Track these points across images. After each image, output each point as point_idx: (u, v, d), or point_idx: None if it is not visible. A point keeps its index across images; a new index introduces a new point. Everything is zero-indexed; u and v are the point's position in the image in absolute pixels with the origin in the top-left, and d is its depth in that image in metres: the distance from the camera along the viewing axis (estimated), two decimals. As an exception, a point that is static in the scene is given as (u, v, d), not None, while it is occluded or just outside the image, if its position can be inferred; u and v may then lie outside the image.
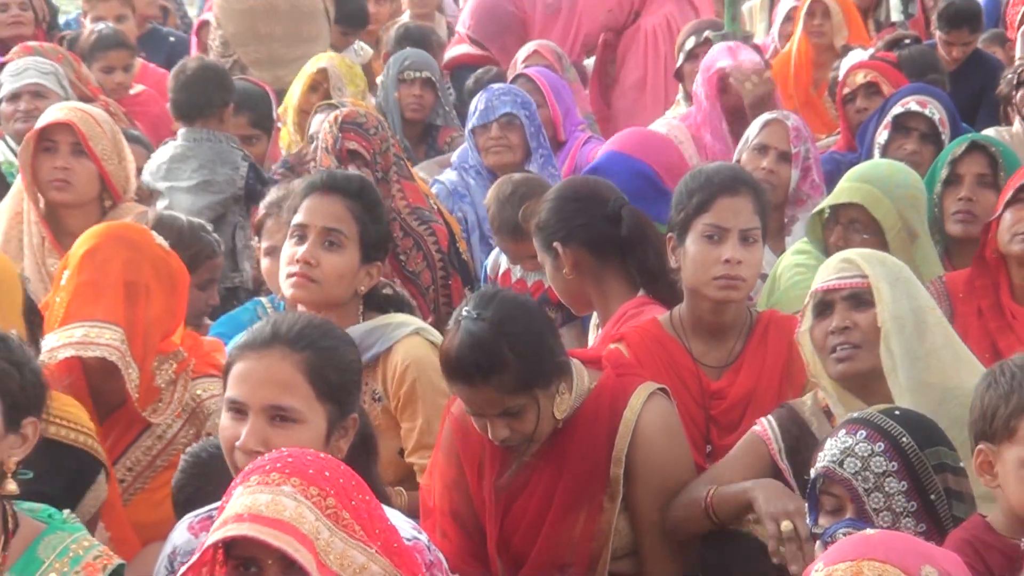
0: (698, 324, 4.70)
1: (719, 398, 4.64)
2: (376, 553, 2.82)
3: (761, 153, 6.45)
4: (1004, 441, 3.56)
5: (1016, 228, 5.25)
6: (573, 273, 4.95)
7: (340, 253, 4.64)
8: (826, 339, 4.30)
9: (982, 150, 5.93)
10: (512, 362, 4.03)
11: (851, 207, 5.47)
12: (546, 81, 7.72)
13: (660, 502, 4.22)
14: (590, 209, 4.97)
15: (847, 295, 4.31)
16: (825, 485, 3.72)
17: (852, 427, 3.73)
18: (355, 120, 6.27)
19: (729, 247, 4.58)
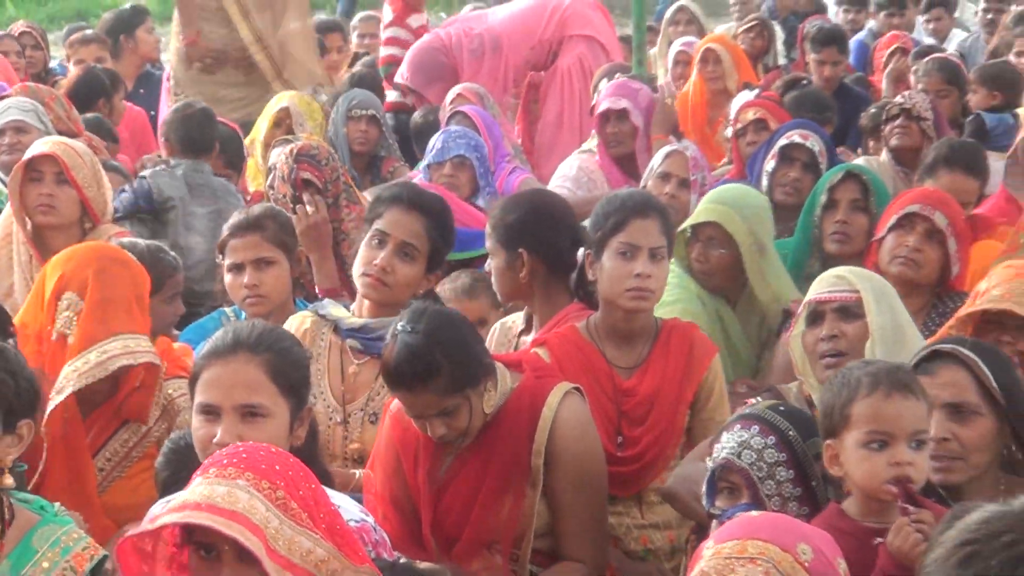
0: (611, 330, 4.68)
1: (629, 395, 4.63)
2: (321, 538, 2.80)
3: (664, 180, 6.49)
4: (843, 431, 3.55)
5: (896, 251, 5.28)
6: (527, 277, 4.91)
7: (412, 264, 4.71)
8: (816, 345, 4.36)
9: (855, 178, 5.93)
10: (445, 368, 4.02)
11: (708, 225, 5.47)
12: (479, 117, 7.70)
13: (575, 487, 4.21)
14: (560, 228, 4.96)
15: (837, 307, 4.37)
16: (724, 473, 3.74)
17: (746, 422, 3.76)
18: (309, 152, 6.23)
19: (640, 263, 4.56)
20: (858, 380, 3.58)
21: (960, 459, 3.81)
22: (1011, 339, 4.39)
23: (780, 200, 6.46)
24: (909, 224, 5.30)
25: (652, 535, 4.62)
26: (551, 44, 9.28)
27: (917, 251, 5.26)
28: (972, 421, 3.84)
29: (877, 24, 12.27)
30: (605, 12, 9.85)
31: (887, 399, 3.52)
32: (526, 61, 9.29)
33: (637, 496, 4.62)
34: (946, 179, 6.18)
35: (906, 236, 5.28)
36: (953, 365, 3.90)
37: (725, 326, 5.42)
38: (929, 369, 3.90)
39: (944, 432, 3.78)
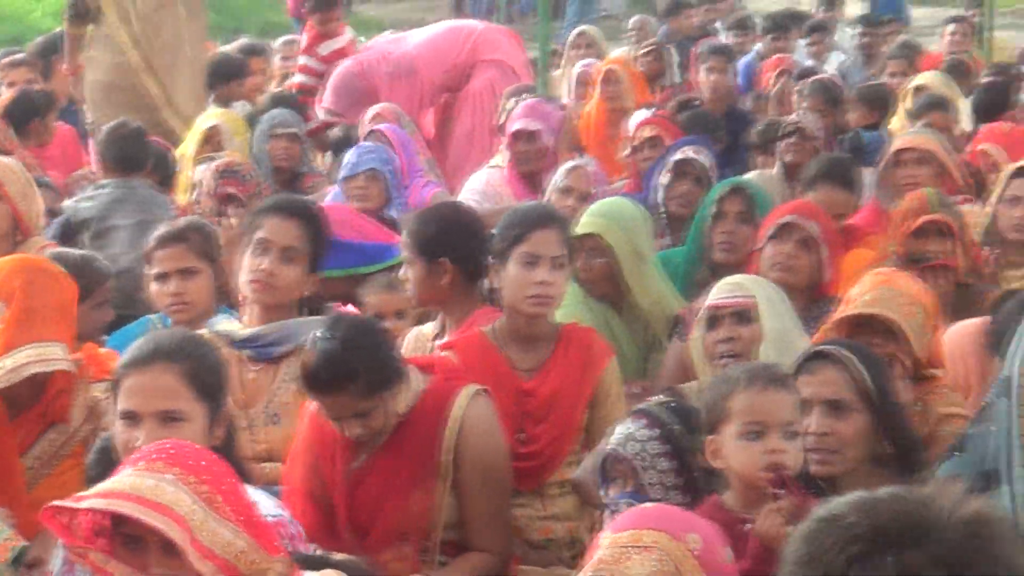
0: (514, 335, 4.70)
1: (531, 396, 4.65)
2: (241, 530, 2.79)
3: (566, 194, 6.52)
4: (721, 424, 3.59)
5: (774, 259, 5.33)
6: (448, 285, 4.92)
7: (294, 267, 4.69)
8: (714, 347, 4.42)
9: (741, 191, 5.99)
10: (361, 373, 4.03)
11: (590, 237, 5.48)
12: (394, 135, 7.70)
13: (481, 482, 4.23)
14: (476, 238, 4.97)
15: (734, 311, 4.46)
16: (612, 463, 3.76)
17: (636, 416, 3.81)
18: (232, 168, 6.24)
19: (542, 271, 4.58)
20: (736, 377, 3.62)
21: (837, 452, 3.88)
22: (880, 342, 4.44)
23: (673, 211, 6.52)
24: (785, 233, 5.35)
25: (553, 526, 4.63)
26: (464, 67, 9.30)
27: (792, 258, 5.32)
28: (848, 417, 3.91)
29: (763, 47, 12.38)
30: (516, 37, 9.89)
31: (762, 392, 3.57)
32: (441, 83, 9.31)
33: (538, 490, 4.63)
34: (823, 192, 6.25)
35: (782, 245, 5.33)
36: (831, 365, 3.96)
37: (612, 331, 5.43)
38: (810, 368, 3.96)
39: (823, 427, 3.84)
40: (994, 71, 10.46)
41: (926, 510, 1.71)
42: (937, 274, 5.41)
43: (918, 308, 4.53)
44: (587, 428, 4.67)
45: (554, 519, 4.63)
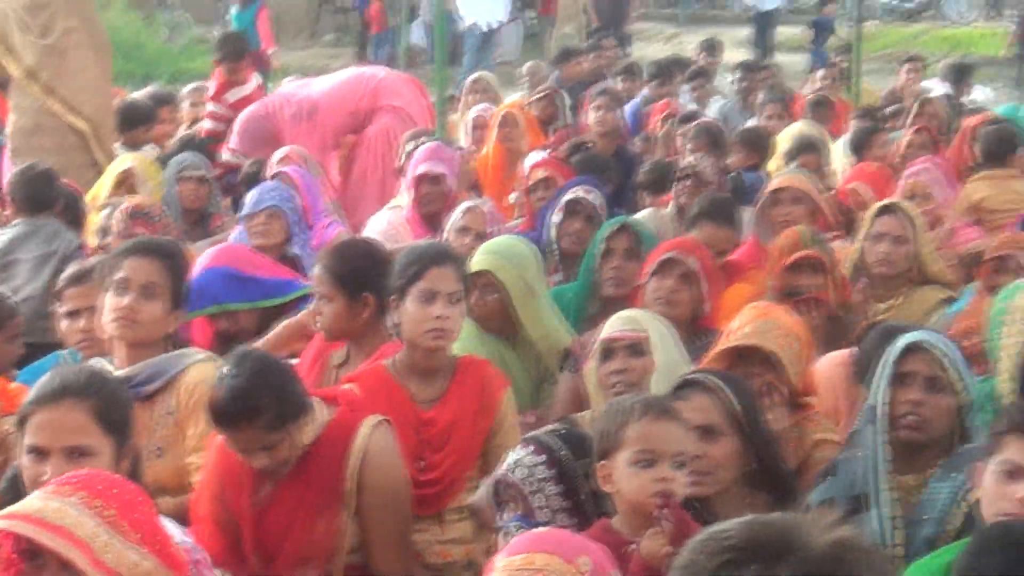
0: (413, 367, 4.70)
1: (429, 425, 4.66)
2: (148, 553, 2.81)
3: (463, 233, 6.52)
4: (614, 452, 3.61)
5: (657, 293, 5.39)
6: (366, 319, 4.91)
7: (155, 303, 4.62)
8: (608, 378, 4.45)
9: (628, 229, 6.04)
10: (267, 408, 4.01)
11: (484, 274, 5.51)
12: (298, 177, 7.68)
13: (382, 508, 4.22)
14: (388, 271, 4.93)
15: (627, 344, 4.48)
16: (502, 488, 3.79)
17: (525, 444, 3.85)
18: (141, 209, 6.18)
19: (439, 307, 4.59)
20: (630, 407, 3.64)
21: (709, 474, 3.93)
22: (759, 371, 4.51)
23: (566, 249, 6.56)
24: (667, 269, 5.41)
25: (451, 549, 4.64)
26: (365, 113, 9.33)
27: (674, 292, 5.37)
28: (719, 441, 3.97)
29: (649, 92, 12.50)
30: (418, 84, 9.92)
31: (654, 423, 3.60)
32: (342, 127, 9.32)
33: (437, 515, 4.63)
34: (706, 229, 6.33)
35: (664, 280, 5.39)
36: (703, 392, 4.02)
37: (506, 363, 5.44)
38: (684, 395, 4.02)
39: (696, 450, 3.89)
40: (861, 113, 10.65)
41: (797, 530, 1.75)
42: (810, 307, 5.50)
43: (793, 339, 4.60)
44: (484, 456, 4.68)
45: (452, 543, 4.64)
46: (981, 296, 5.66)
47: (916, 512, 4.02)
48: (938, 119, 10.12)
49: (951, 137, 9.84)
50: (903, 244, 6.19)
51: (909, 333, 4.23)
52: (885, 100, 12.60)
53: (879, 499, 4.02)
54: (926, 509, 4.01)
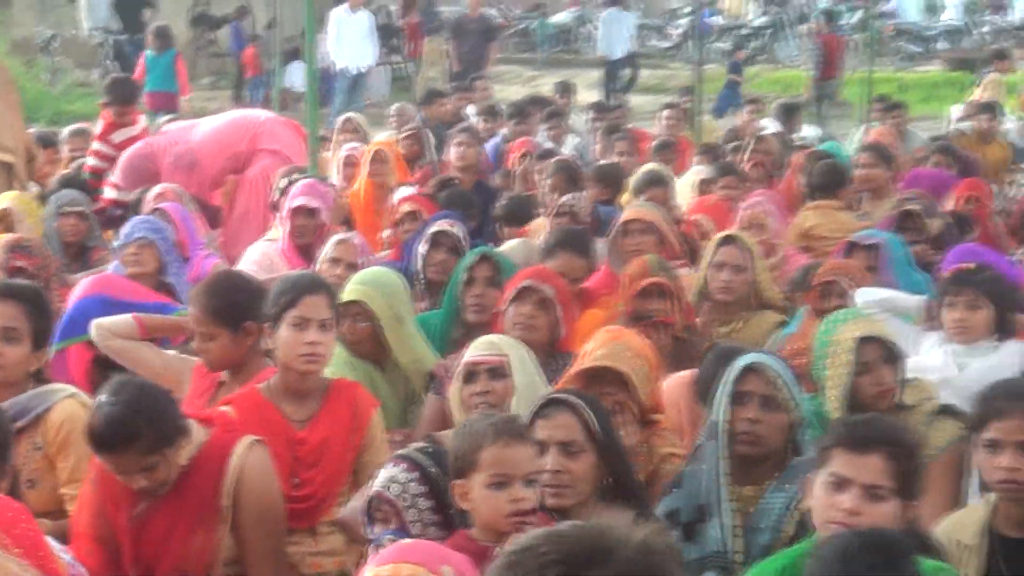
0: (287, 390, 4.68)
1: (302, 444, 4.63)
2: (29, 566, 2.80)
3: (335, 264, 6.50)
4: (471, 472, 3.64)
5: (515, 319, 5.41)
6: (248, 347, 4.87)
7: (17, 345, 4.53)
8: (471, 399, 4.46)
9: (489, 259, 6.07)
10: (145, 432, 3.96)
11: (355, 303, 5.52)
12: (175, 212, 7.62)
13: (257, 523, 4.20)
14: (263, 296, 4.89)
15: (489, 368, 4.50)
16: (377, 503, 3.79)
17: (397, 461, 3.85)
18: (21, 244, 6.08)
19: (311, 333, 4.58)
20: (483, 432, 3.66)
21: (570, 487, 3.96)
22: (612, 391, 4.57)
23: (431, 278, 6.56)
24: (525, 296, 5.43)
25: (323, 561, 4.61)
26: (245, 155, 9.30)
27: (532, 318, 5.40)
28: (578, 457, 3.99)
29: (508, 131, 12.57)
30: (296, 126, 9.89)
31: (507, 447, 3.62)
32: (223, 169, 9.28)
33: (311, 528, 4.61)
34: (561, 259, 6.34)
35: (522, 306, 5.41)
36: (565, 410, 4.04)
37: (375, 386, 5.44)
38: (547, 413, 4.04)
39: (557, 465, 3.93)
40: (703, 150, 10.82)
41: (606, 537, 1.79)
42: (658, 330, 5.57)
43: (643, 360, 4.66)
44: (354, 472, 4.67)
45: (325, 555, 4.62)
46: (810, 319, 5.78)
47: (754, 520, 4.09)
48: (771, 155, 10.31)
49: (783, 171, 10.04)
50: (742, 272, 6.30)
51: (746, 355, 4.31)
52: (727, 137, 12.80)
53: (720, 509, 4.08)
54: (763, 518, 4.08)
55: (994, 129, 13.24)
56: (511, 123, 12.70)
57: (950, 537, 4.00)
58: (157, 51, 18.07)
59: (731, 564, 4.03)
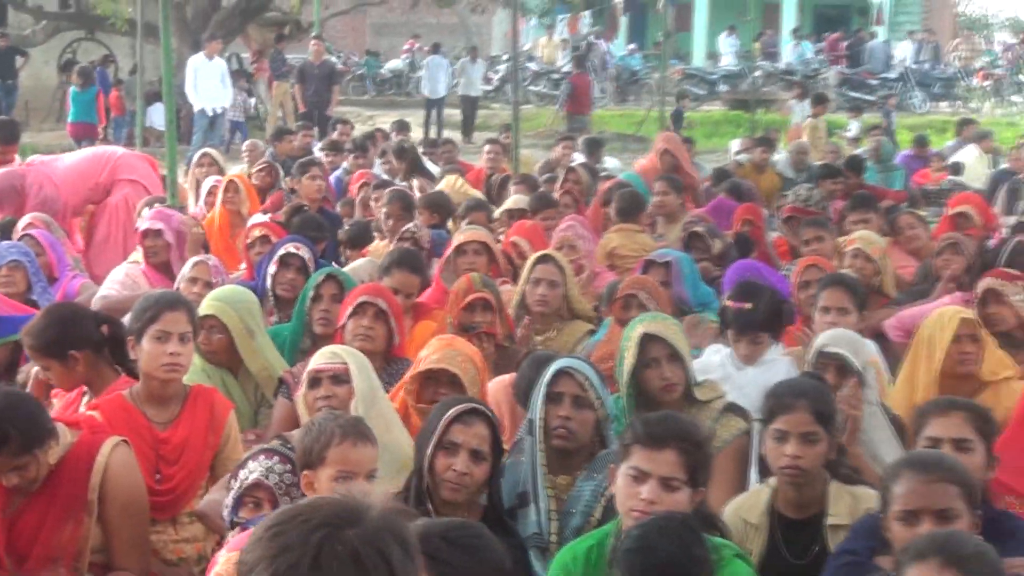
0: (150, 395, 4.62)
1: (165, 443, 4.58)
2: None
3: (192, 283, 6.38)
4: (319, 467, 3.63)
5: (355, 331, 5.33)
6: (83, 368, 4.75)
7: None
8: (316, 403, 4.38)
9: (334, 278, 6.00)
10: (15, 436, 3.89)
11: (212, 317, 5.46)
12: (43, 238, 7.42)
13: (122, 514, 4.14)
14: (86, 321, 4.81)
15: (332, 375, 4.41)
16: (251, 490, 3.78)
17: (268, 454, 3.83)
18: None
19: (172, 345, 4.55)
20: (331, 430, 3.64)
21: (467, 488, 3.85)
22: (445, 391, 4.56)
23: (280, 295, 6.48)
24: (362, 310, 5.39)
25: (184, 547, 4.56)
26: (105, 186, 9.12)
27: (369, 329, 5.37)
28: (481, 464, 3.89)
29: (349, 164, 12.53)
30: (150, 159, 9.75)
31: (353, 447, 3.61)
32: (84, 199, 9.07)
33: (172, 519, 4.56)
34: (397, 276, 6.28)
35: (361, 319, 5.37)
36: (482, 421, 3.91)
37: (229, 391, 5.38)
38: (466, 420, 3.87)
39: (465, 468, 3.84)
40: (521, 180, 10.92)
41: (356, 503, 1.92)
42: (483, 339, 5.59)
43: (472, 364, 4.67)
44: (212, 468, 4.63)
45: (185, 542, 4.57)
46: (614, 328, 5.85)
47: (567, 505, 4.13)
48: (581, 184, 10.43)
49: (591, 199, 10.15)
50: (556, 287, 6.34)
51: (559, 360, 4.34)
52: (542, 169, 12.92)
53: (538, 496, 4.11)
54: (574, 503, 4.12)
55: (768, 161, 13.60)
56: (351, 157, 12.65)
57: (737, 517, 4.09)
58: (80, 88, 18.51)
59: (548, 544, 4.06)
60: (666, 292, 6.33)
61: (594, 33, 32.51)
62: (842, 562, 3.65)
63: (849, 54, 31.28)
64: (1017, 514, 4.02)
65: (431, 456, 3.83)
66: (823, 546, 3.93)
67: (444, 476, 3.81)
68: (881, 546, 3.51)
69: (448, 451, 3.83)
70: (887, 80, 28.20)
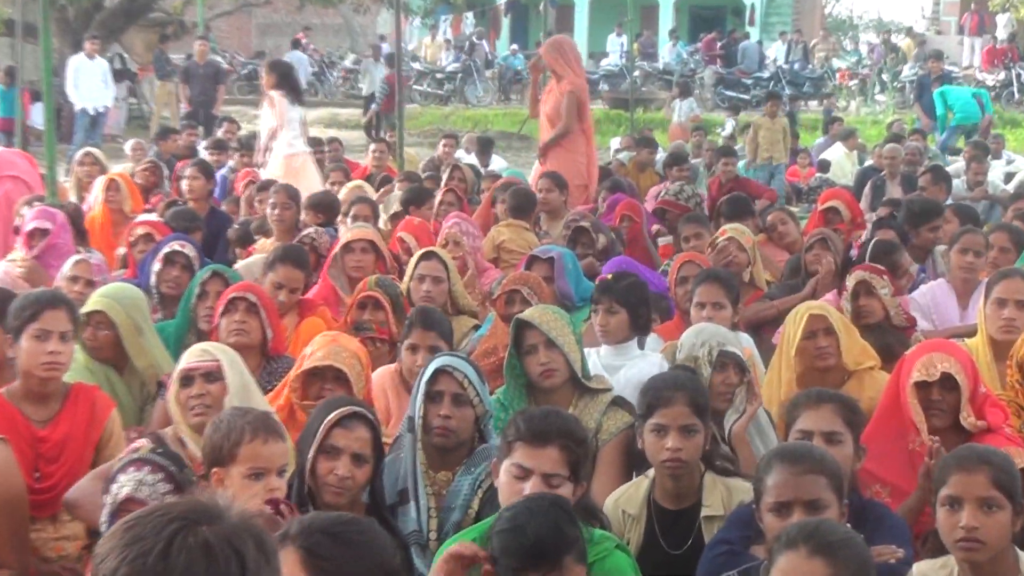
0: (29, 394, 4.53)
1: (44, 441, 4.49)
2: None
3: (73, 281, 6.27)
4: (228, 463, 3.57)
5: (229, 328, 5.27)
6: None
7: None
8: (188, 401, 4.21)
9: (220, 276, 5.94)
10: None
11: (98, 313, 5.35)
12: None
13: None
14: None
15: (204, 372, 4.24)
16: (124, 505, 3.71)
17: (139, 464, 3.77)
18: None
19: (52, 343, 4.46)
20: (242, 427, 3.58)
21: (349, 492, 3.79)
22: (331, 387, 4.51)
23: (165, 292, 6.37)
24: (233, 306, 5.30)
25: (64, 545, 4.48)
26: None
27: (241, 323, 5.27)
28: (362, 467, 3.82)
29: (234, 162, 12.35)
30: (29, 157, 9.52)
31: (264, 444, 3.55)
32: None
33: (53, 516, 4.46)
34: (281, 271, 6.06)
35: (233, 315, 5.28)
36: (363, 425, 3.83)
37: (113, 388, 5.28)
38: (347, 424, 3.80)
39: (347, 472, 3.77)
40: (404, 177, 10.88)
41: (214, 502, 1.91)
42: (375, 342, 5.53)
43: (357, 361, 4.62)
44: (94, 466, 4.50)
45: (66, 539, 4.48)
46: (497, 323, 5.84)
47: (447, 501, 4.10)
48: (466, 183, 10.41)
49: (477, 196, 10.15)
50: (441, 283, 6.32)
51: (437, 358, 4.29)
52: (426, 167, 12.89)
53: (417, 494, 4.08)
54: (454, 499, 4.09)
55: (651, 161, 13.72)
56: (237, 156, 12.47)
57: (617, 508, 4.11)
58: (6, 86, 18.20)
59: (427, 542, 4.03)
60: (549, 288, 6.34)
61: (476, 33, 32.50)
62: (717, 552, 3.68)
63: (724, 54, 31.74)
64: (883, 502, 4.09)
65: (313, 460, 3.78)
66: (699, 537, 3.97)
67: (326, 480, 3.76)
68: (756, 536, 3.55)
69: (330, 455, 3.77)
70: (760, 79, 28.68)
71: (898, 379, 4.47)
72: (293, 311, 6.18)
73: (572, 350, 4.69)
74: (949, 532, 3.40)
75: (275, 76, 10.96)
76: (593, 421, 4.59)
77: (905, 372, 4.42)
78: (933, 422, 4.34)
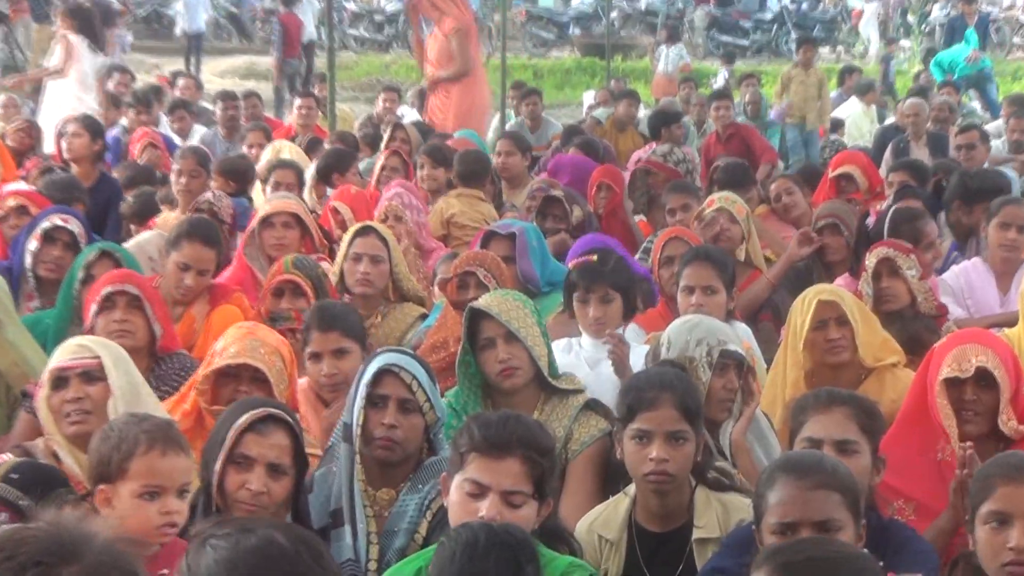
0: None
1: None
2: None
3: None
4: (118, 480, 3.57)
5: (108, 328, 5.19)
6: None
7: None
8: (63, 407, 4.22)
9: (111, 255, 5.94)
10: None
11: None
12: None
13: None
14: None
15: (81, 371, 4.27)
16: None
17: None
18: None
19: None
20: (135, 437, 3.57)
21: (266, 508, 3.80)
22: (247, 388, 4.50)
23: (43, 275, 6.35)
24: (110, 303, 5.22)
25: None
26: None
27: (123, 322, 5.19)
28: (281, 480, 3.87)
29: (128, 121, 12.26)
30: None
31: (162, 457, 3.55)
32: None
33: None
34: (188, 249, 6.09)
35: (111, 313, 5.20)
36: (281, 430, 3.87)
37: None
38: (260, 430, 3.83)
39: (261, 486, 3.80)
40: (337, 138, 10.85)
41: (72, 534, 1.90)
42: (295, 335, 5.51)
43: (278, 357, 4.60)
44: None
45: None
46: (447, 311, 5.81)
47: (389, 524, 4.08)
48: (410, 144, 10.39)
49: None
50: (380, 264, 6.27)
51: (381, 355, 4.24)
52: (363, 125, 12.85)
53: (354, 515, 4.05)
54: (398, 521, 4.08)
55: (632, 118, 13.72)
56: (131, 113, 12.35)
57: (592, 533, 4.09)
58: None
59: (365, 572, 4.01)
60: (510, 269, 6.31)
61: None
62: None
63: (718, -8, 31.86)
64: (907, 522, 4.09)
65: (220, 472, 3.76)
66: (690, 564, 3.96)
67: (237, 496, 3.74)
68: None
69: (240, 466, 3.76)
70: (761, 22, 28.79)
71: (925, 376, 4.46)
72: (203, 298, 6.15)
73: (536, 344, 4.66)
74: (994, 555, 3.41)
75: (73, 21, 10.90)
76: (562, 428, 4.59)
77: (933, 368, 4.41)
78: (966, 427, 4.34)
